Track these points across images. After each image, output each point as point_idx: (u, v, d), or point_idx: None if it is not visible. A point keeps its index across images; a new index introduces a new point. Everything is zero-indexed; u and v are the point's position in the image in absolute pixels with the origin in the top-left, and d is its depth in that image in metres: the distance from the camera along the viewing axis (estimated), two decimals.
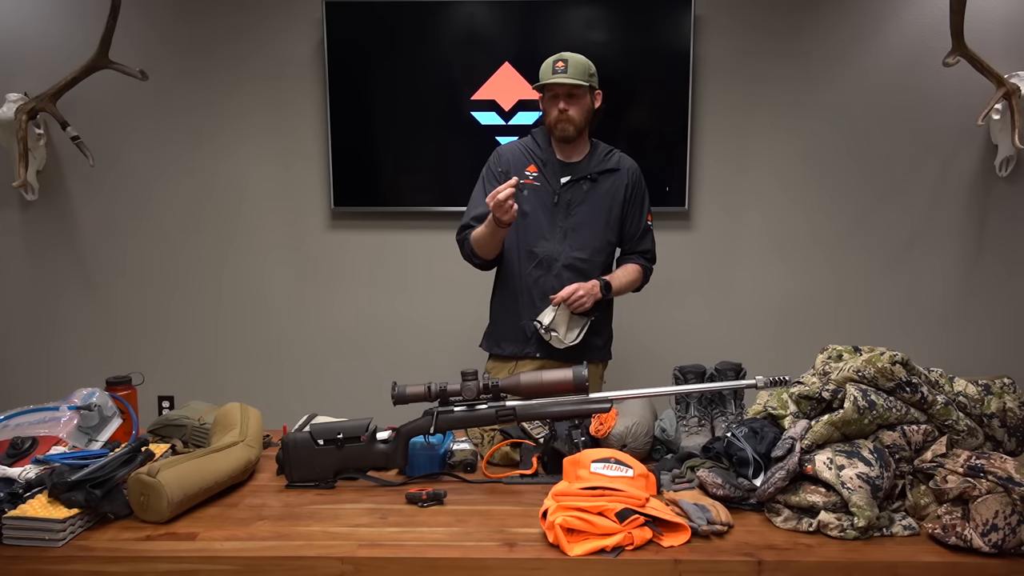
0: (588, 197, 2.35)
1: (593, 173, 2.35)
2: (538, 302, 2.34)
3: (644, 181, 2.45)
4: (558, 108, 2.28)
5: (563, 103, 2.27)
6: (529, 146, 2.41)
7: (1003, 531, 1.35)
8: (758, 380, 1.69)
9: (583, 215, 2.34)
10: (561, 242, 2.34)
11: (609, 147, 2.43)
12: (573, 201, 2.34)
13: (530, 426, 1.87)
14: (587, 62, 2.29)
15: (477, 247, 2.32)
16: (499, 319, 2.45)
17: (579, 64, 2.27)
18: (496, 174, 2.38)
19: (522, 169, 2.36)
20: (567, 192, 2.34)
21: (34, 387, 3.34)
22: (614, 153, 2.42)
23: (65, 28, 3.25)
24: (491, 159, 2.42)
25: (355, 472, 1.75)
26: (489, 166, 2.41)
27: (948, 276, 3.33)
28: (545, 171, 2.36)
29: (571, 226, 2.34)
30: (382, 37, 3.22)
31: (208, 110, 3.33)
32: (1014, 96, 2.92)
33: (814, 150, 3.30)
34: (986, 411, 1.63)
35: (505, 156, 2.40)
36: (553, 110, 2.29)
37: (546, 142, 2.39)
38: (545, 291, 2.33)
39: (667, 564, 1.36)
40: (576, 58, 2.27)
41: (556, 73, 2.24)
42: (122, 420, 1.93)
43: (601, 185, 2.36)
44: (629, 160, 2.43)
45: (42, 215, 3.39)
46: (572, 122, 2.29)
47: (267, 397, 2.80)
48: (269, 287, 3.43)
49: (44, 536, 1.43)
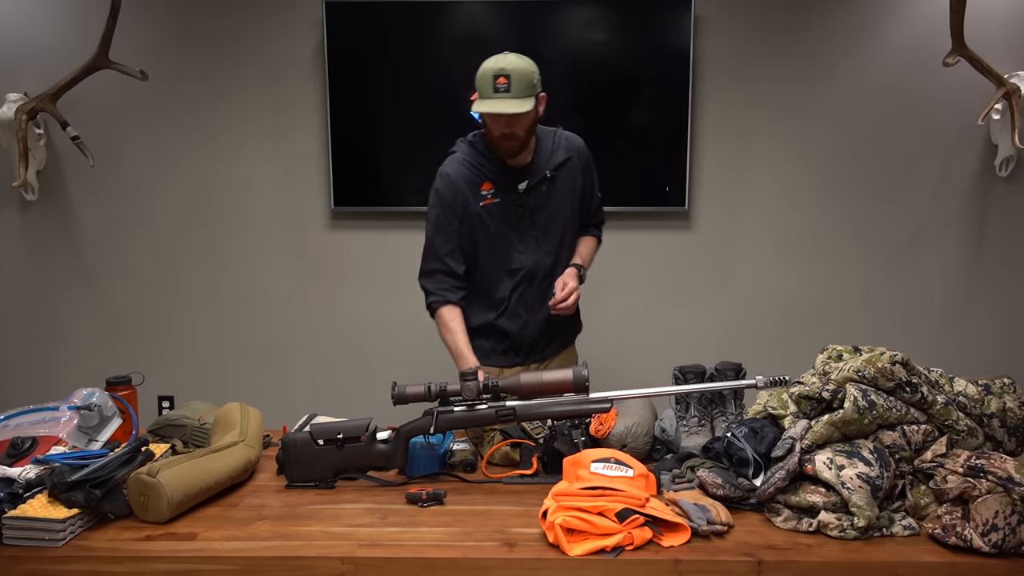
0: (550, 197, 2.20)
1: (549, 170, 2.18)
2: (525, 314, 2.23)
3: (590, 154, 2.28)
4: (500, 130, 2.05)
5: (505, 124, 2.03)
6: (474, 160, 2.17)
7: (1003, 531, 1.35)
8: (758, 380, 1.69)
9: (549, 216, 2.21)
10: (535, 250, 2.20)
11: (552, 130, 2.23)
12: (536, 206, 2.18)
13: (530, 426, 1.87)
14: (530, 69, 2.02)
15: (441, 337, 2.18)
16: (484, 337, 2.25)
17: (523, 77, 1.99)
18: (452, 211, 2.16)
19: (477, 190, 2.16)
20: (529, 198, 2.17)
21: (34, 387, 3.34)
22: (560, 137, 2.23)
23: (65, 28, 3.25)
24: (441, 189, 2.16)
25: (355, 472, 1.75)
26: (441, 198, 2.16)
27: (948, 276, 3.33)
28: (501, 184, 2.16)
29: (540, 232, 2.20)
30: (382, 37, 3.22)
31: (208, 110, 3.33)
32: (1014, 96, 2.92)
33: (814, 150, 3.30)
34: (986, 411, 1.63)
35: (456, 181, 2.15)
36: (495, 129, 2.06)
37: (489, 149, 2.17)
38: (530, 304, 2.22)
39: (667, 564, 1.36)
40: (519, 69, 1.99)
41: (498, 93, 1.97)
42: (122, 420, 1.93)
43: (559, 180, 2.20)
44: (575, 140, 2.25)
45: (42, 215, 3.39)
46: (516, 139, 2.07)
47: (267, 397, 2.80)
48: (269, 287, 3.43)
49: (44, 536, 1.43)
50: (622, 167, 3.28)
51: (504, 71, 1.98)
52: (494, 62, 2.01)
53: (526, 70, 2.01)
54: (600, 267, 3.31)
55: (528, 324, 2.25)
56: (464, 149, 2.21)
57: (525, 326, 2.25)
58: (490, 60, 2.03)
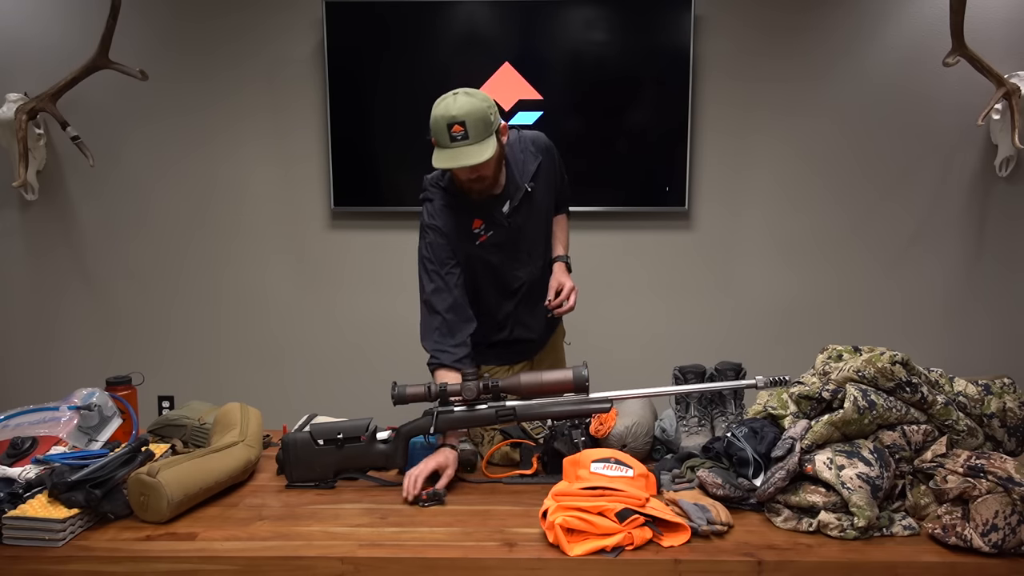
0: (532, 209, 2.12)
1: (527, 186, 2.09)
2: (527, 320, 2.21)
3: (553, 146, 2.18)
4: (467, 176, 1.94)
5: (471, 171, 1.92)
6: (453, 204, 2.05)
7: (1003, 531, 1.35)
8: (758, 380, 1.69)
9: (535, 229, 2.16)
10: (527, 263, 2.15)
11: (515, 135, 2.13)
12: (523, 223, 2.11)
13: (530, 426, 1.87)
14: (484, 107, 1.86)
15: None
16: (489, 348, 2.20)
17: (477, 120, 1.85)
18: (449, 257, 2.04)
19: (469, 231, 2.05)
20: (515, 219, 2.09)
21: (34, 387, 3.34)
22: (525, 143, 2.13)
23: (65, 28, 3.25)
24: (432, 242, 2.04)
25: (355, 472, 1.75)
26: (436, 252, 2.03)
27: (948, 276, 3.33)
28: (489, 215, 2.06)
29: (530, 245, 2.15)
30: (382, 37, 3.22)
31: (208, 110, 3.33)
32: (1014, 96, 2.92)
33: (814, 149, 3.30)
34: (986, 411, 1.63)
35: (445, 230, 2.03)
36: (462, 176, 1.95)
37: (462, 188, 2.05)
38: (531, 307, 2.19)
39: (667, 564, 1.36)
40: (473, 112, 1.84)
41: (455, 142, 1.85)
42: (122, 420, 1.93)
43: (537, 190, 2.12)
44: (540, 139, 2.15)
45: (42, 215, 3.39)
46: (485, 180, 1.97)
47: (267, 397, 2.80)
48: (269, 287, 3.43)
49: (44, 536, 1.43)
50: (622, 167, 3.28)
51: (456, 119, 1.84)
52: (444, 108, 1.86)
53: (480, 110, 1.86)
54: (600, 267, 3.33)
55: (533, 328, 2.25)
56: (439, 195, 2.08)
57: (531, 330, 2.25)
58: (440, 105, 1.88)
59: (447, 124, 1.84)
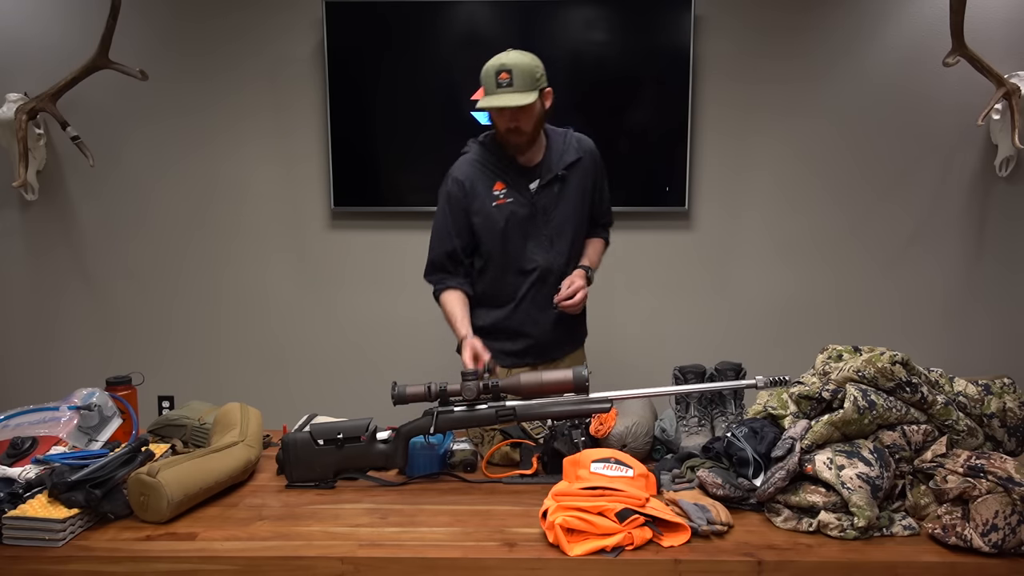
0: (562, 197, 2.22)
1: (560, 171, 2.20)
2: (535, 314, 2.25)
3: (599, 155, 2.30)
4: (506, 125, 2.09)
5: (510, 118, 2.07)
6: (485, 160, 2.20)
7: (1003, 531, 1.35)
8: (758, 380, 1.69)
9: (562, 217, 2.22)
10: (549, 250, 2.22)
11: (563, 132, 2.26)
12: (549, 206, 2.20)
13: (530, 426, 1.87)
14: (532, 64, 2.06)
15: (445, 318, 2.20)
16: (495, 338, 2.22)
17: (525, 71, 2.03)
18: (461, 206, 2.18)
19: (489, 190, 2.18)
20: (541, 198, 2.19)
21: (34, 387, 3.34)
22: (570, 138, 2.26)
23: (65, 28, 3.25)
24: (451, 187, 2.19)
25: (355, 472, 1.75)
26: (451, 196, 2.19)
27: (948, 276, 3.33)
28: (513, 184, 2.19)
29: (554, 232, 2.22)
30: (382, 37, 3.22)
31: (208, 110, 3.33)
32: (1014, 96, 2.92)
33: (814, 150, 3.30)
34: (986, 411, 1.63)
35: (465, 181, 2.18)
36: (500, 124, 2.11)
37: (499, 149, 2.20)
38: (541, 303, 2.23)
39: (667, 564, 1.36)
40: (520, 64, 2.03)
41: (500, 88, 2.02)
42: (122, 420, 1.93)
43: (570, 180, 2.22)
44: (586, 141, 2.28)
45: (42, 215, 3.39)
46: (523, 134, 2.10)
47: (267, 397, 2.80)
48: (269, 287, 3.43)
49: (44, 536, 1.43)
50: (622, 167, 3.27)
51: (505, 66, 2.03)
52: (496, 59, 2.06)
53: (528, 64, 2.05)
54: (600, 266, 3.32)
55: (540, 324, 2.26)
56: (475, 149, 2.23)
57: (537, 326, 2.26)
58: (494, 58, 2.07)
59: (495, 71, 2.03)
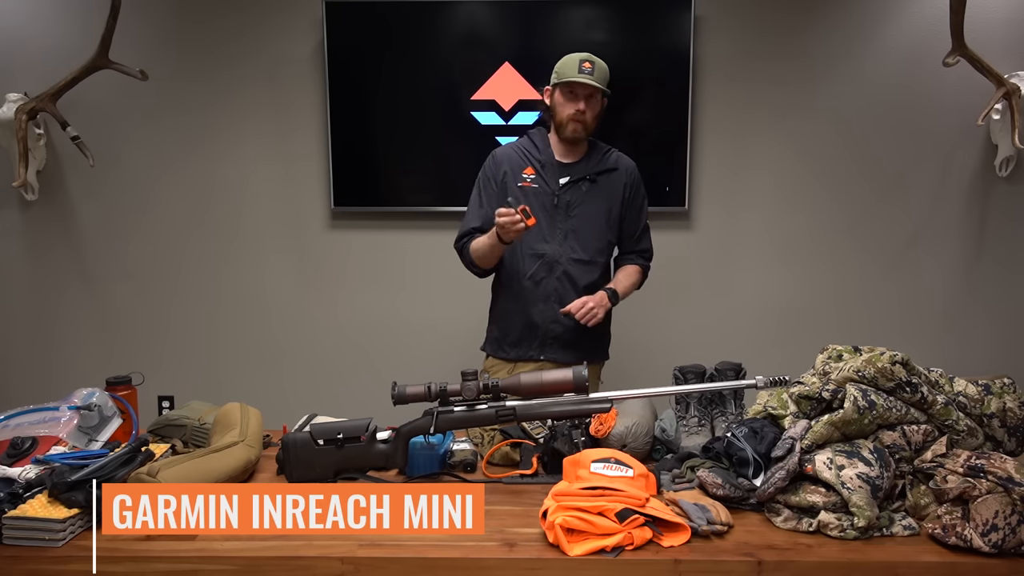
0: (587, 198, 2.34)
1: (592, 174, 2.35)
2: (541, 303, 2.34)
3: (642, 181, 2.45)
4: (576, 107, 2.27)
5: (583, 104, 2.26)
6: (526, 148, 2.39)
7: (1003, 531, 1.35)
8: (758, 380, 1.69)
9: (583, 216, 2.34)
10: (562, 243, 2.33)
11: (607, 147, 2.42)
12: (572, 202, 2.33)
13: (530, 426, 1.87)
14: (607, 68, 2.30)
15: (477, 258, 2.33)
16: (502, 323, 2.43)
17: (603, 70, 2.28)
18: (493, 179, 2.37)
19: (519, 172, 2.35)
20: (566, 193, 2.33)
21: (34, 387, 3.33)
22: (612, 152, 2.42)
23: (65, 28, 3.25)
24: (487, 164, 2.41)
25: (355, 472, 1.75)
26: (486, 171, 2.40)
27: (948, 276, 3.33)
28: (543, 173, 2.35)
29: (571, 227, 2.33)
30: (382, 37, 3.22)
31: (208, 110, 3.33)
32: (1014, 96, 2.91)
33: (814, 150, 3.29)
34: (986, 411, 1.63)
35: (501, 160, 2.38)
36: (570, 108, 2.27)
37: (544, 143, 2.37)
38: (547, 293, 2.33)
39: (667, 564, 1.36)
40: (601, 63, 2.27)
41: (583, 73, 2.23)
42: (122, 420, 1.93)
43: (600, 185, 2.35)
44: (627, 160, 2.43)
45: (42, 215, 3.39)
46: (585, 124, 2.29)
47: (267, 397, 2.79)
48: (269, 287, 3.43)
49: (44, 536, 1.43)
50: None
51: (590, 59, 2.25)
52: (579, 54, 2.27)
53: (605, 66, 2.29)
54: None
55: (537, 314, 2.33)
56: (522, 140, 2.42)
57: (534, 315, 2.33)
58: (573, 53, 2.28)
59: (579, 60, 2.24)
